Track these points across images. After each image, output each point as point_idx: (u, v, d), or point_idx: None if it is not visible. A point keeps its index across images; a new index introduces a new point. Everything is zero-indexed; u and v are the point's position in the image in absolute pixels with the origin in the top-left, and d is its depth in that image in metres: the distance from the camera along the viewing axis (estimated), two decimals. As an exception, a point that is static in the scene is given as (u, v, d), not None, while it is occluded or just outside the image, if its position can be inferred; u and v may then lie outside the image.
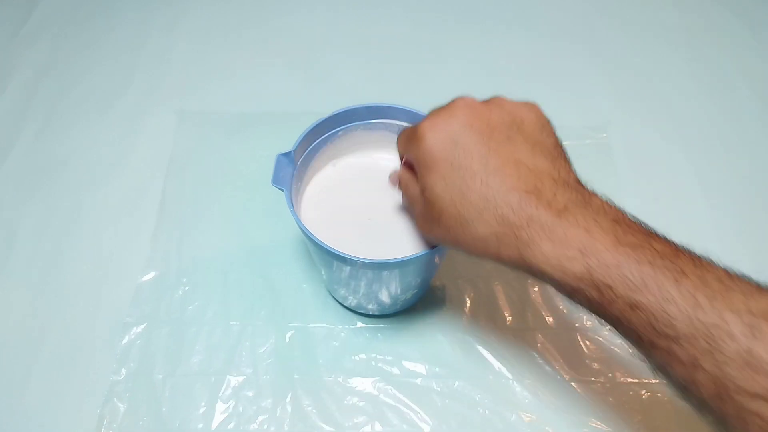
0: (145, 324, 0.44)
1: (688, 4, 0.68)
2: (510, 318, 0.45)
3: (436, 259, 0.39)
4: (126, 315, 0.44)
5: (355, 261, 0.33)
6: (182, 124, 0.56)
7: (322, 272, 0.42)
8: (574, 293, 0.26)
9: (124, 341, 0.43)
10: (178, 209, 0.50)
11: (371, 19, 0.66)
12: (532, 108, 0.30)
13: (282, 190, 0.35)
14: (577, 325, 0.44)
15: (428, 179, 0.29)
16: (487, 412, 0.40)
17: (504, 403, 0.41)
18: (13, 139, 0.55)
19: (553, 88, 0.60)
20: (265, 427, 0.39)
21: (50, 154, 0.54)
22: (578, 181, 0.28)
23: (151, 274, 0.46)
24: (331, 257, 0.34)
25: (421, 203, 0.31)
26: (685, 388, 0.24)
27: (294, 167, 0.37)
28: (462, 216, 0.28)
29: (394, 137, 0.40)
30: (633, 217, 0.27)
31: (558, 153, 0.29)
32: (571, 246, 0.25)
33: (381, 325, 0.44)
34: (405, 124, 0.39)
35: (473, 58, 0.62)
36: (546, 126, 0.30)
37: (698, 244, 0.25)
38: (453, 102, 0.30)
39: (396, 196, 0.39)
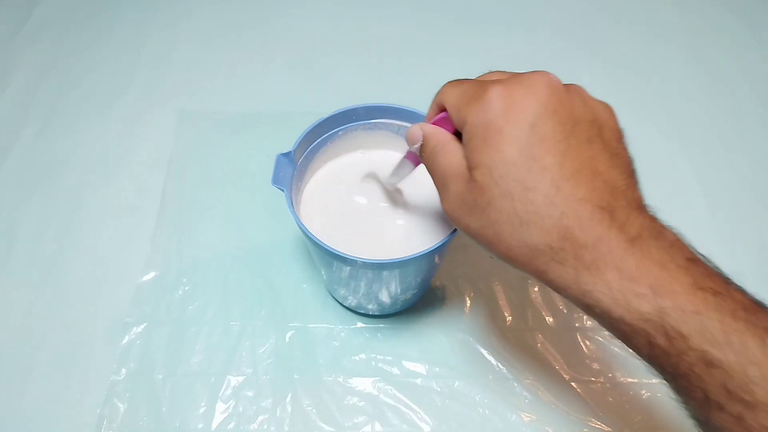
0: (145, 324, 0.44)
1: (688, 4, 0.68)
2: (510, 318, 0.45)
3: (436, 259, 0.39)
4: (126, 315, 0.44)
5: (355, 261, 0.33)
6: (182, 124, 0.56)
7: (322, 272, 0.42)
8: (633, 335, 0.22)
9: (124, 341, 0.43)
10: (178, 209, 0.50)
11: (371, 19, 0.66)
12: (612, 111, 0.26)
13: (282, 190, 0.35)
14: (577, 325, 0.44)
15: (485, 156, 0.24)
16: (487, 412, 0.40)
17: (504, 403, 0.41)
18: (13, 139, 0.55)
19: (553, 88, 0.60)
20: (265, 427, 0.39)
21: (50, 154, 0.54)
22: (648, 208, 0.25)
23: (151, 274, 0.46)
24: (331, 257, 0.34)
25: (462, 182, 0.25)
26: None
27: (294, 167, 0.37)
28: (517, 214, 0.24)
29: (394, 137, 0.41)
30: (705, 257, 0.23)
31: (632, 170, 0.25)
32: (641, 281, 0.22)
33: (381, 325, 0.44)
34: (405, 123, 0.39)
35: (473, 58, 0.62)
36: (622, 136, 0.26)
37: (698, 245, 0.25)
38: (532, 74, 0.25)
39: (396, 195, 0.39)
